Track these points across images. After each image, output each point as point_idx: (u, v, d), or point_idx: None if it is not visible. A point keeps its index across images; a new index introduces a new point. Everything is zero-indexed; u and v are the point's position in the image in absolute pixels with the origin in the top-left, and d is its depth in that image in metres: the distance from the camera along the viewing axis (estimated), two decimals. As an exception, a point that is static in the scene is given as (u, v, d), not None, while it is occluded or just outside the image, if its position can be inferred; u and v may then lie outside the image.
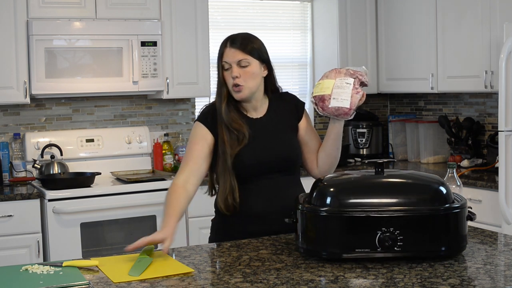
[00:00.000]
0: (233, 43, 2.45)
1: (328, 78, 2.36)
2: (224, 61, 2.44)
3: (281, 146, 2.49)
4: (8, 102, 4.17)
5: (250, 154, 2.43)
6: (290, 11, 5.32)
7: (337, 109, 2.32)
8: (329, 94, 2.32)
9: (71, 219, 3.89)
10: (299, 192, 2.53)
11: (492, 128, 4.63)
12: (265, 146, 2.46)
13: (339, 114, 2.34)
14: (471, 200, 3.91)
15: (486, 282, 1.79)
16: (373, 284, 1.81)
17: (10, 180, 4.22)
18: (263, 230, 2.42)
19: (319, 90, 2.35)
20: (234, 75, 2.42)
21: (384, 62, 5.14)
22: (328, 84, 2.34)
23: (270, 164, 2.45)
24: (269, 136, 2.49)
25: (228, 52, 2.44)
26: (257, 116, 2.53)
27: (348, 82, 2.32)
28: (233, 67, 2.43)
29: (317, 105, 2.36)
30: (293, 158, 2.52)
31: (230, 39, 2.47)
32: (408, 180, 2.14)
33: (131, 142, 4.60)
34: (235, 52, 2.43)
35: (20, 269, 2.04)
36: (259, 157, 2.44)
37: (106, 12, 4.28)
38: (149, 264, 2.00)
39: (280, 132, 2.52)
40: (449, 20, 4.51)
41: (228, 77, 2.45)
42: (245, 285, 1.82)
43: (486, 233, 2.34)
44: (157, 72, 4.37)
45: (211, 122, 2.47)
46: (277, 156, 2.47)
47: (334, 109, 2.33)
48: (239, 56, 2.43)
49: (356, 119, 5.26)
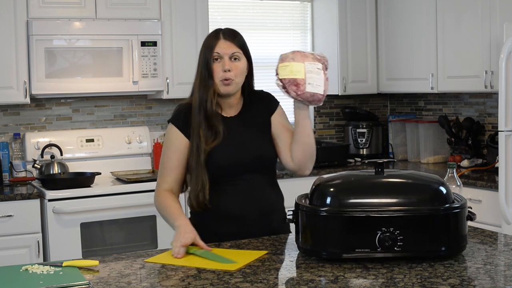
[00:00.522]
0: (226, 36, 2.41)
1: (295, 60, 2.24)
2: (217, 52, 2.39)
3: (255, 145, 2.44)
4: (8, 102, 4.17)
5: (223, 154, 2.39)
6: (290, 11, 5.32)
7: (313, 95, 2.24)
8: (303, 78, 2.22)
9: (71, 219, 3.89)
10: (275, 192, 2.52)
11: (492, 128, 4.63)
12: (238, 146, 2.42)
13: (313, 100, 2.26)
14: (471, 200, 3.91)
15: (486, 282, 1.79)
16: (373, 284, 1.81)
17: (10, 180, 4.22)
18: (240, 232, 2.39)
19: (289, 73, 2.23)
20: (227, 68, 2.38)
21: (384, 62, 5.14)
22: (298, 68, 2.23)
23: (244, 164, 2.40)
24: (243, 135, 2.44)
25: (221, 44, 2.39)
26: (230, 114, 2.48)
27: (318, 67, 2.26)
28: (225, 59, 2.39)
29: (286, 88, 2.24)
30: (266, 157, 2.46)
31: (222, 31, 2.43)
32: (408, 180, 2.14)
33: (131, 142, 4.60)
34: (230, 45, 2.40)
35: (20, 269, 2.04)
36: (233, 157, 2.40)
37: (106, 12, 4.28)
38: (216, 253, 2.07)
39: (254, 131, 2.47)
40: (449, 20, 4.51)
41: (218, 69, 2.39)
42: (245, 285, 1.82)
43: (486, 233, 2.34)
44: (157, 72, 4.37)
45: (183, 124, 2.43)
46: (250, 156, 2.41)
47: (310, 94, 2.24)
48: (233, 49, 2.40)
49: (356, 119, 5.31)
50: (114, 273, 1.99)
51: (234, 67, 2.40)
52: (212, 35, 2.44)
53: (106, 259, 2.17)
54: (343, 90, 5.09)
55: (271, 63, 5.28)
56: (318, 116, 5.39)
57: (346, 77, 5.10)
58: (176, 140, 2.43)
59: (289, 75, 2.23)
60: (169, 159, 2.44)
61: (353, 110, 5.33)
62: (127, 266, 2.07)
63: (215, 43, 2.41)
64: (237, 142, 2.42)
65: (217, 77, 2.39)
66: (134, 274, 1.98)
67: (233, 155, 2.40)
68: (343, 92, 5.10)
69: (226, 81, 2.39)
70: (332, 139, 5.43)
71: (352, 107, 5.37)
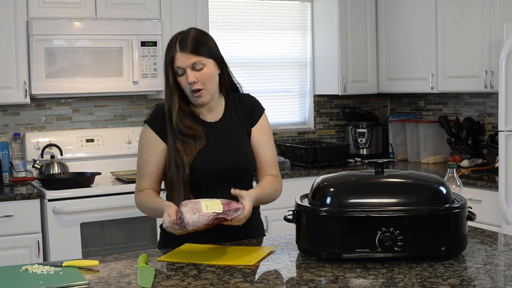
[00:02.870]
0: (183, 47, 2.27)
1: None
2: (177, 66, 2.27)
3: (234, 153, 2.35)
4: (8, 102, 4.17)
5: (202, 160, 2.30)
6: (290, 11, 5.31)
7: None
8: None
9: (71, 219, 3.89)
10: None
11: (492, 128, 4.63)
12: (217, 153, 2.33)
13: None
14: (471, 200, 3.91)
15: (486, 282, 1.79)
16: (373, 284, 1.81)
17: (10, 180, 4.22)
18: (217, 240, 2.31)
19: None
20: (191, 81, 2.26)
21: (384, 62, 5.14)
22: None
23: (222, 172, 2.31)
24: (222, 142, 2.34)
25: (179, 57, 2.26)
26: (211, 119, 2.38)
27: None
28: (188, 72, 2.26)
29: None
30: (245, 166, 2.38)
31: (179, 41, 2.28)
32: (408, 180, 2.14)
33: (131, 142, 4.60)
34: (187, 56, 2.26)
35: (20, 269, 2.04)
36: (211, 165, 2.31)
37: (106, 12, 4.28)
38: (154, 273, 1.98)
39: (234, 138, 2.38)
40: (449, 20, 4.51)
41: (184, 83, 2.28)
42: (245, 285, 1.82)
43: (486, 233, 2.34)
44: (157, 72, 4.37)
45: (160, 126, 2.35)
46: (229, 164, 2.33)
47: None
48: (192, 59, 2.26)
49: (356, 119, 5.32)
50: (114, 273, 1.99)
51: (200, 76, 2.28)
52: (169, 46, 2.31)
53: (106, 259, 2.17)
54: (343, 90, 5.09)
55: (271, 63, 5.34)
56: (318, 116, 5.39)
57: (346, 77, 5.10)
58: (153, 144, 2.36)
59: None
60: (147, 164, 2.37)
61: (353, 110, 5.33)
62: (127, 266, 2.07)
63: (173, 56, 2.28)
64: (216, 149, 2.34)
65: (186, 90, 2.30)
66: (134, 274, 1.98)
67: (212, 163, 2.32)
68: (343, 92, 5.10)
69: (196, 93, 2.29)
70: (332, 139, 5.43)
71: (352, 107, 5.37)
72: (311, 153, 4.74)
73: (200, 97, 2.30)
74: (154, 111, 2.41)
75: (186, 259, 2.10)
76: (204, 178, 2.32)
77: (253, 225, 2.43)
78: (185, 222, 2.06)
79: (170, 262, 2.08)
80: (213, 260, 2.07)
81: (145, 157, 2.38)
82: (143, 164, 2.39)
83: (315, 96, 5.38)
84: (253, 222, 2.42)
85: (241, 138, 2.40)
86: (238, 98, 2.46)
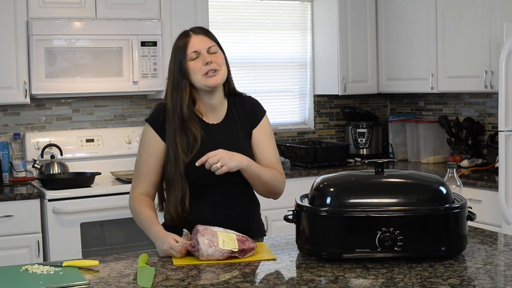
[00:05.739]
0: (198, 32, 2.34)
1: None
2: (193, 50, 2.30)
3: None
4: (8, 102, 4.17)
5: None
6: (290, 11, 5.31)
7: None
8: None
9: (71, 219, 3.89)
10: (253, 204, 2.45)
11: (492, 128, 4.63)
12: None
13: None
14: (471, 200, 3.91)
15: (486, 282, 1.79)
16: (373, 284, 1.81)
17: (10, 180, 4.22)
18: None
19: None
20: (208, 60, 2.29)
21: (384, 62, 5.14)
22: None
23: (222, 175, 2.24)
24: (223, 145, 2.30)
25: (195, 40, 2.32)
26: (213, 121, 2.39)
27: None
28: (204, 53, 2.30)
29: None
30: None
31: (191, 30, 2.36)
32: (408, 180, 2.14)
33: (131, 142, 4.60)
34: (204, 39, 2.33)
35: (20, 269, 2.04)
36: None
37: (106, 12, 4.28)
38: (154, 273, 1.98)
39: (234, 141, 2.37)
40: (449, 20, 4.51)
41: (198, 65, 2.30)
42: (245, 285, 1.82)
43: (486, 233, 2.34)
44: (157, 72, 4.37)
45: (161, 126, 2.35)
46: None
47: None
48: (208, 43, 2.32)
49: (356, 119, 5.32)
50: (114, 273, 1.99)
51: (215, 58, 2.31)
52: (182, 36, 2.36)
53: (106, 259, 2.17)
54: (343, 90, 5.09)
55: (271, 63, 5.33)
56: (318, 116, 5.39)
57: (346, 77, 5.10)
58: (153, 143, 2.36)
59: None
60: (145, 163, 2.37)
61: (353, 110, 5.33)
62: (127, 266, 2.07)
63: (187, 41, 2.33)
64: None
65: (199, 73, 2.30)
66: (134, 274, 1.98)
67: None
68: (343, 92, 5.10)
69: (212, 72, 2.30)
70: (332, 139, 5.43)
71: (352, 107, 5.37)
72: (311, 153, 4.74)
73: (214, 77, 2.30)
74: (155, 110, 2.41)
75: (200, 261, 2.08)
76: (202, 178, 2.31)
77: (254, 225, 2.44)
78: (199, 252, 2.07)
79: (170, 262, 2.08)
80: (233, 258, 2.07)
81: (144, 156, 2.38)
82: (141, 162, 2.39)
83: (315, 96, 5.38)
84: (254, 223, 2.43)
85: (241, 141, 2.40)
86: (240, 100, 2.46)
